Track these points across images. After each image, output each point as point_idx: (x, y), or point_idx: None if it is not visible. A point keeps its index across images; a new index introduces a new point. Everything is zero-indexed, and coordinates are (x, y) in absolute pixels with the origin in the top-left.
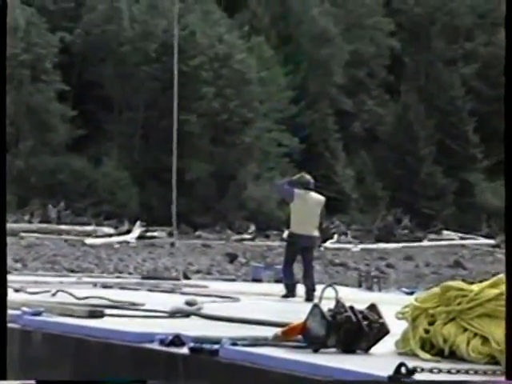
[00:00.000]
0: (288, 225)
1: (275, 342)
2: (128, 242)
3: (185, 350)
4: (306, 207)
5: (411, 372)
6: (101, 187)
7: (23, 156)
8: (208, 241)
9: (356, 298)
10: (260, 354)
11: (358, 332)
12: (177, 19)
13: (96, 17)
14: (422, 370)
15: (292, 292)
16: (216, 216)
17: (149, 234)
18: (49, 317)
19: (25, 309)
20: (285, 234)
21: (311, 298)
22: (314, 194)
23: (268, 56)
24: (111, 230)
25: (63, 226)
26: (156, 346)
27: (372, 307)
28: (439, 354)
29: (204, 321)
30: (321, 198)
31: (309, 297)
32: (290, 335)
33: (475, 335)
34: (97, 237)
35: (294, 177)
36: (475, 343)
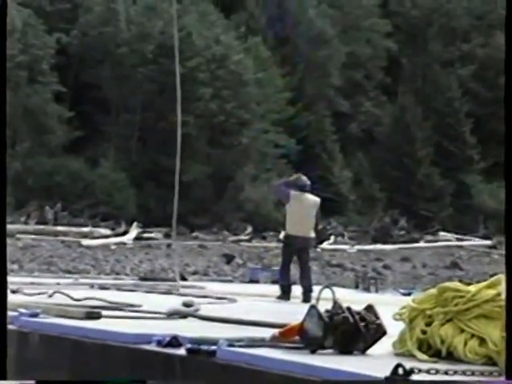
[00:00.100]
0: (285, 226)
1: (272, 343)
2: (125, 244)
3: (182, 351)
4: (302, 209)
5: (408, 373)
6: (98, 189)
7: (20, 157)
8: (205, 242)
9: (353, 299)
10: (257, 355)
11: (355, 333)
12: (176, 20)
13: (93, 18)
14: (419, 371)
15: (287, 294)
16: (213, 217)
17: (146, 236)
18: (46, 318)
19: (22, 310)
20: (281, 236)
21: (308, 299)
22: (310, 196)
23: (265, 57)
24: (108, 232)
25: (60, 228)
26: (153, 348)
27: (369, 308)
28: (436, 355)
29: (201, 322)
30: (316, 200)
31: (306, 298)
32: (287, 336)
33: (472, 336)
34: (93, 238)
35: (291, 178)
36: (472, 344)
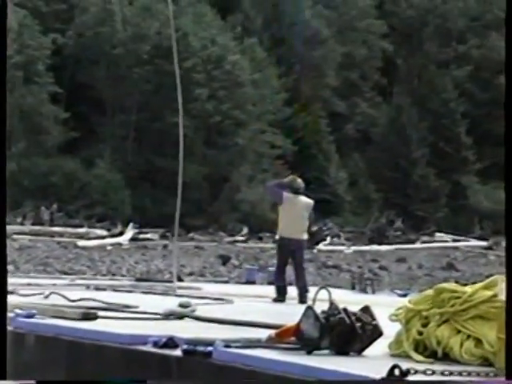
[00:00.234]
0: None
1: (269, 344)
2: (121, 244)
3: (178, 352)
4: (295, 211)
5: (405, 374)
6: (93, 189)
7: (16, 158)
8: (201, 243)
9: (349, 300)
10: (253, 356)
11: (352, 334)
12: (172, 20)
13: (88, 19)
14: (416, 372)
15: (283, 295)
16: (209, 218)
17: (141, 236)
18: (42, 319)
19: (17, 311)
20: (277, 236)
21: (304, 300)
22: (303, 198)
23: (261, 58)
24: (104, 232)
25: (56, 228)
26: (149, 348)
27: (365, 309)
28: (432, 356)
29: (197, 323)
30: (309, 202)
31: (302, 299)
32: (284, 337)
33: (468, 337)
34: (89, 239)
35: (285, 179)
36: (468, 345)
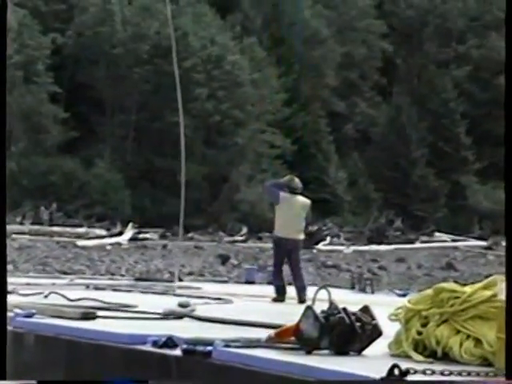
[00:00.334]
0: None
1: (268, 344)
2: (120, 244)
3: (178, 352)
4: (291, 211)
5: (404, 373)
6: (93, 189)
7: (15, 158)
8: (200, 242)
9: (349, 300)
10: (253, 356)
11: (351, 334)
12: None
13: (88, 18)
14: (415, 372)
15: (282, 294)
16: (208, 218)
17: (141, 236)
18: (41, 319)
19: (17, 311)
20: (273, 236)
21: (304, 300)
22: (300, 198)
23: (260, 58)
24: (103, 232)
25: (55, 228)
26: (149, 348)
27: (365, 309)
28: (432, 356)
29: (197, 322)
30: (306, 202)
31: (301, 298)
32: (283, 337)
33: (468, 337)
34: (89, 238)
35: (282, 179)
36: (468, 345)
